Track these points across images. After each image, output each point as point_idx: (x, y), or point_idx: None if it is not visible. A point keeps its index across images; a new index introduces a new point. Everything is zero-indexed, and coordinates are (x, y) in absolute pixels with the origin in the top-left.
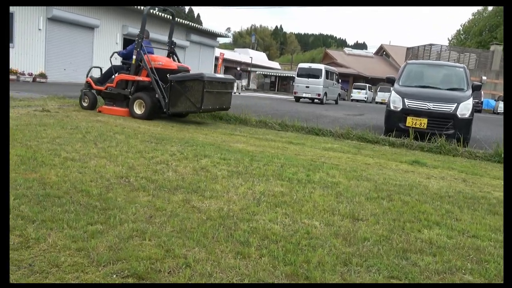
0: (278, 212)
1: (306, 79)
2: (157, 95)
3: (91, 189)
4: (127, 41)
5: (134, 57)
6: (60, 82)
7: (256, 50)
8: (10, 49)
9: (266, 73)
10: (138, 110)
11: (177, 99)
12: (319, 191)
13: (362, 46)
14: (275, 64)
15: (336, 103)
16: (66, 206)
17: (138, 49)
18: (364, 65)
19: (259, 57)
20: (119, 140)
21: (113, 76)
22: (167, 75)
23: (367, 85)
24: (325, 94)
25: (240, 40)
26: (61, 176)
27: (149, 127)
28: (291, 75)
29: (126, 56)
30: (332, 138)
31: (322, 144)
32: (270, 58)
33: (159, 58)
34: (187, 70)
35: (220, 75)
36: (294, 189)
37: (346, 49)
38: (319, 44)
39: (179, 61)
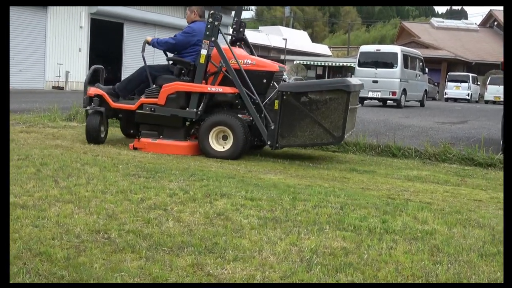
0: (341, 281)
1: (373, 69)
2: (251, 118)
3: (54, 250)
4: (97, 23)
5: (204, 51)
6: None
7: (293, 27)
8: None
9: (308, 62)
10: (217, 145)
11: (294, 125)
12: (403, 246)
13: (459, 14)
14: (322, 48)
15: (422, 105)
16: (18, 278)
17: (213, 38)
18: (463, 44)
19: (297, 39)
20: (91, 175)
21: (151, 85)
22: (264, 82)
23: (470, 75)
24: (404, 92)
25: (268, 13)
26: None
27: (134, 153)
28: (349, 63)
29: (174, 49)
30: (419, 161)
31: (404, 171)
32: (314, 39)
33: (244, 54)
34: (283, 72)
35: (358, 81)
36: (363, 243)
37: (434, 20)
38: (391, 15)
39: (253, 55)
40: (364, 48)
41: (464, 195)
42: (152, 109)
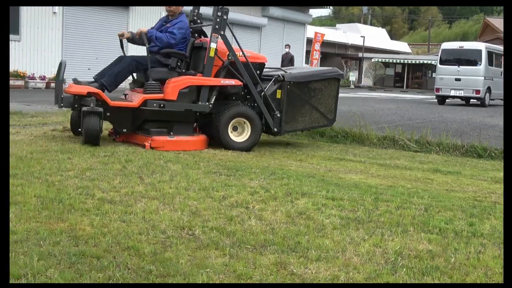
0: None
1: (456, 67)
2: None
3: (142, 245)
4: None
5: (213, 45)
6: None
7: (371, 25)
8: (16, 43)
9: (387, 60)
10: (237, 136)
11: (296, 111)
12: (492, 251)
13: None
14: (401, 46)
15: None
16: (109, 271)
17: (222, 32)
18: None
19: (375, 36)
20: (174, 172)
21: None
22: (258, 73)
23: None
24: (488, 90)
25: (345, 11)
26: (98, 226)
27: (214, 151)
28: (429, 61)
29: (171, 47)
30: None
31: (490, 173)
32: (393, 36)
33: (236, 46)
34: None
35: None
36: (450, 246)
37: None
38: (473, 10)
39: None
40: (446, 45)
41: None
42: (162, 105)
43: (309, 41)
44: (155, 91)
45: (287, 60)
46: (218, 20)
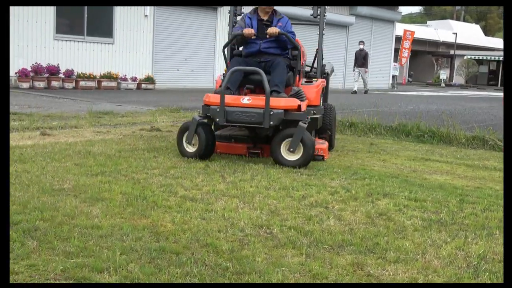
0: None
1: None
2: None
3: (220, 243)
4: None
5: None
6: (172, 88)
7: (464, 21)
8: (110, 46)
9: (480, 57)
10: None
11: None
12: None
13: None
14: (496, 42)
15: None
16: (186, 267)
17: None
18: None
19: (468, 33)
20: (255, 171)
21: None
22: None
23: None
24: None
25: (437, 7)
26: (178, 223)
27: None
28: None
29: (295, 45)
30: None
31: None
32: (487, 33)
33: None
34: None
35: None
36: None
37: None
38: None
39: None
40: None
41: None
42: (313, 111)
43: (398, 39)
44: (304, 98)
45: (361, 57)
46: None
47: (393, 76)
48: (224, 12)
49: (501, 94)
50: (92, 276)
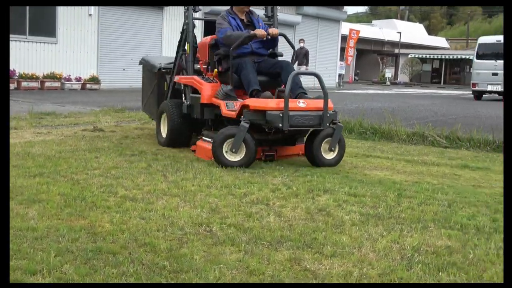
0: (442, 280)
1: (493, 61)
2: None
3: (158, 242)
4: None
5: None
6: (118, 88)
7: (408, 20)
8: (53, 45)
9: (424, 56)
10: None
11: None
12: None
13: None
14: (439, 41)
15: None
16: (123, 267)
17: None
18: None
19: (412, 32)
20: (198, 170)
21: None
22: None
23: None
24: None
25: (382, 7)
26: (117, 223)
27: None
28: (467, 56)
29: None
30: None
31: None
32: (431, 31)
33: None
34: None
35: None
36: (470, 242)
37: None
38: None
39: None
40: (483, 39)
41: None
42: None
43: (344, 38)
44: None
45: (302, 55)
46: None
47: (340, 75)
48: (171, 11)
49: (444, 91)
50: (25, 279)
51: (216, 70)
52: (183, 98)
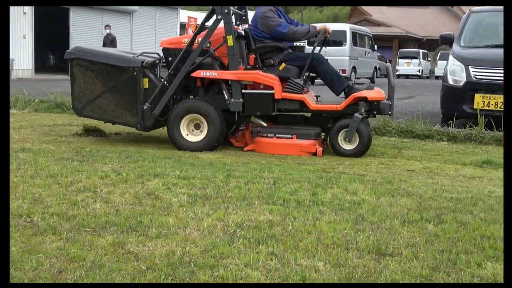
0: (261, 252)
1: (322, 47)
2: None
3: None
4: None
5: None
6: None
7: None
8: None
9: None
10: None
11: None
12: (328, 217)
13: None
14: None
15: (372, 81)
16: None
17: None
18: (415, 22)
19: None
20: (23, 160)
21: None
22: None
23: (421, 51)
24: (354, 69)
25: None
26: None
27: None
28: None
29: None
30: None
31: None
32: None
33: None
34: None
35: None
36: (289, 216)
37: None
38: None
39: None
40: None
41: (398, 166)
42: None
43: (183, 26)
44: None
45: (109, 41)
46: None
47: None
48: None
49: None
50: None
51: (282, 64)
52: (225, 95)
